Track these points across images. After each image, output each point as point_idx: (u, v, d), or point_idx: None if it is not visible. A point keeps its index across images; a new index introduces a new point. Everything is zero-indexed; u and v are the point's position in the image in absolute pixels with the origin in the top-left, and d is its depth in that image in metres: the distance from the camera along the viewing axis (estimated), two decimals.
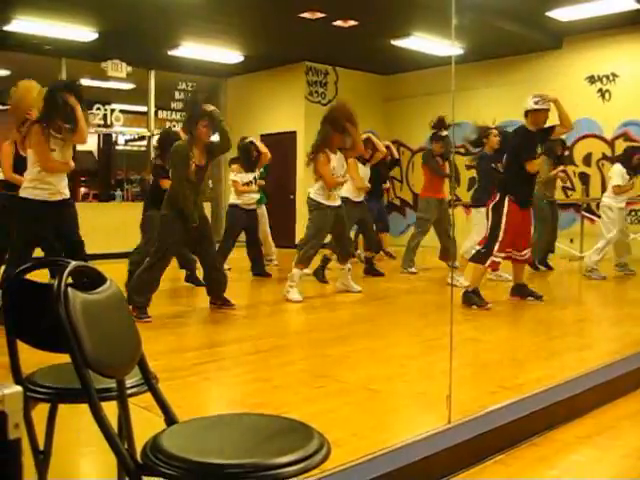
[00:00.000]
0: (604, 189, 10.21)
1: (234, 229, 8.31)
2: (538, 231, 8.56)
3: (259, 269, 8.46)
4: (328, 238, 7.19)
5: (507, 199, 6.08)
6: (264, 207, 9.13)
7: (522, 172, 6.18)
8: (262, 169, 8.76)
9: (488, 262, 6.15)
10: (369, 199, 9.43)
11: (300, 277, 6.72)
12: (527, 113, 6.22)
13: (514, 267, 6.59)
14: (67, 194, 5.43)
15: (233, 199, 8.34)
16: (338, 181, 6.82)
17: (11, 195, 5.64)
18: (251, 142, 8.40)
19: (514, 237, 6.16)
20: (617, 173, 8.32)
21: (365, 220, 8.31)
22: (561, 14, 9.52)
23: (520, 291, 6.63)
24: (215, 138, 6.07)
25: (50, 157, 5.23)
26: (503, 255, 6.21)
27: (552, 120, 6.30)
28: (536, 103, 6.16)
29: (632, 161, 8.34)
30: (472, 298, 6.17)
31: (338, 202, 6.85)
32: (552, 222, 9.18)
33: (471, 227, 7.84)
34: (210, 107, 5.89)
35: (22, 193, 5.28)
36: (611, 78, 10.80)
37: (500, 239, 6.06)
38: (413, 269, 8.69)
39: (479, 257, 6.22)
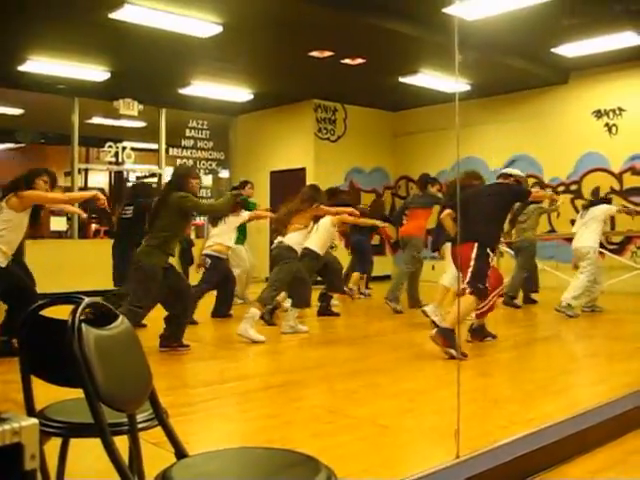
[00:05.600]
0: (612, 225, 10.27)
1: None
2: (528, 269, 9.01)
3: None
4: None
5: (488, 250, 5.93)
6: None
7: (503, 223, 6.44)
8: None
9: (482, 303, 6.07)
10: (360, 237, 9.52)
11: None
12: (508, 177, 6.55)
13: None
14: None
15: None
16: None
17: None
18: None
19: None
20: (612, 208, 8.50)
21: (327, 262, 8.12)
22: (566, 50, 9.63)
23: (482, 332, 6.48)
24: None
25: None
26: (491, 303, 6.18)
27: None
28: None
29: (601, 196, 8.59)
30: (453, 339, 5.52)
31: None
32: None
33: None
34: None
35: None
36: (617, 112, 10.87)
37: (487, 284, 5.97)
38: (399, 307, 8.46)
39: (479, 291, 5.86)
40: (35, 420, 1.10)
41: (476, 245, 5.87)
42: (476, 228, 5.93)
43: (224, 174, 14.30)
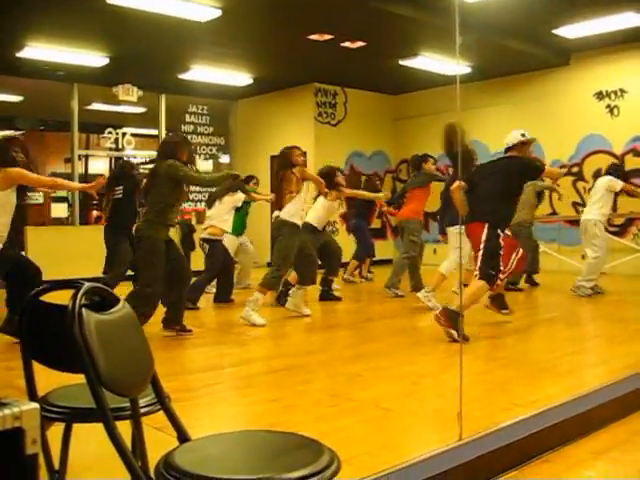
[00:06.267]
0: (615, 207, 10.22)
1: None
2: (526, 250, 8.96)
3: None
4: None
5: (499, 231, 5.79)
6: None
7: (516, 200, 6.12)
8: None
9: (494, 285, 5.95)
10: (357, 221, 9.46)
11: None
12: (513, 147, 6.19)
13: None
14: None
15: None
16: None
17: None
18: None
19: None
20: (614, 182, 8.39)
21: (327, 245, 8.12)
22: (568, 31, 9.56)
23: (501, 301, 6.48)
24: None
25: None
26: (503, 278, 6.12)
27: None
28: (523, 135, 6.18)
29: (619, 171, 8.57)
30: (456, 321, 5.38)
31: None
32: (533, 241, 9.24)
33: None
34: None
35: None
36: (619, 94, 10.81)
37: (501, 266, 5.83)
38: (399, 291, 8.46)
39: (489, 277, 5.76)
40: (36, 405, 1.10)
41: (486, 226, 5.74)
42: (485, 207, 5.81)
43: (224, 159, 14.26)
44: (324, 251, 7.99)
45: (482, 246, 5.73)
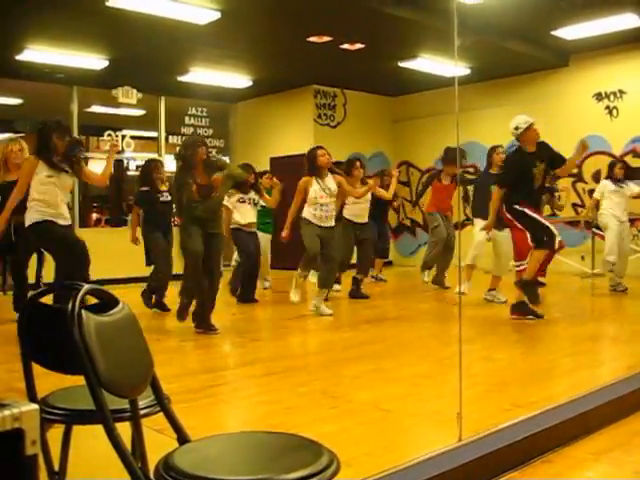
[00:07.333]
0: None
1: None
2: None
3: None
4: None
5: (515, 206, 6.31)
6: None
7: (525, 187, 6.50)
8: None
9: (556, 245, 6.41)
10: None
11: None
12: (518, 137, 6.75)
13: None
14: None
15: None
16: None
17: None
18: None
19: None
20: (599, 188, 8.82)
21: (364, 243, 8.39)
22: (566, 33, 9.56)
23: (520, 309, 6.60)
24: None
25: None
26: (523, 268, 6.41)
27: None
28: (516, 129, 6.85)
29: (615, 172, 8.76)
30: (524, 308, 6.37)
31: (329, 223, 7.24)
32: None
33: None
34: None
35: None
36: (618, 95, 10.82)
37: (547, 224, 6.33)
38: (426, 278, 8.88)
39: (541, 243, 6.26)
40: (36, 406, 1.10)
41: (505, 209, 6.46)
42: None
43: None
44: (359, 250, 8.42)
45: (521, 227, 6.40)
